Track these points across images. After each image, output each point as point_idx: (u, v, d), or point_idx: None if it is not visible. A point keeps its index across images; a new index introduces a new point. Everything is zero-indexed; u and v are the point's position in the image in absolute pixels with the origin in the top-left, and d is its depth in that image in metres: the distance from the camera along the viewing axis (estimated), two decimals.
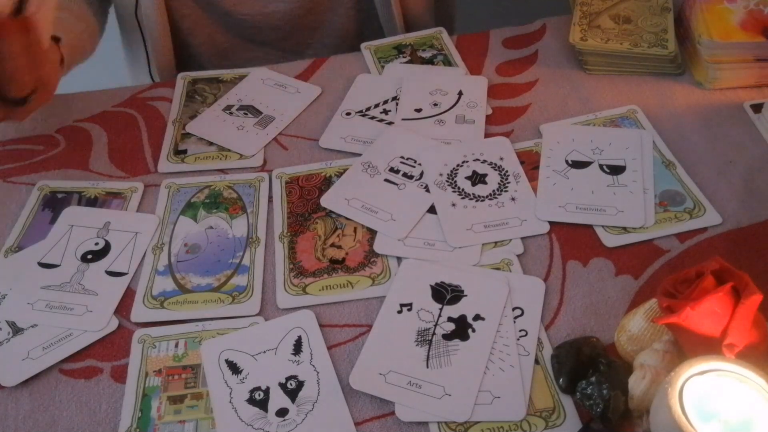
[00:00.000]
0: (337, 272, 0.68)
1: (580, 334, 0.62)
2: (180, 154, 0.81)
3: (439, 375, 0.59)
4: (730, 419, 0.48)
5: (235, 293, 0.67)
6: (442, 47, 0.94)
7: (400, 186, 0.75)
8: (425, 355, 0.61)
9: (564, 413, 0.57)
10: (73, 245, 0.71)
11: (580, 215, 0.71)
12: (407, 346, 0.61)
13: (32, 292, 0.67)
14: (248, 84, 0.89)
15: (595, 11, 0.93)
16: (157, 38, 0.98)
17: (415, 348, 0.61)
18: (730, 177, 0.75)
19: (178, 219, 0.74)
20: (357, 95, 0.87)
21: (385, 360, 0.60)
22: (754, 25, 0.84)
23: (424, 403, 0.58)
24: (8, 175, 0.79)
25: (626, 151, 0.77)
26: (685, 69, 0.88)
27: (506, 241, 0.70)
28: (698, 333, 0.53)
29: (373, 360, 0.61)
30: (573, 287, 0.66)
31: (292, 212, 0.74)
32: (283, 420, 0.57)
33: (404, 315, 0.63)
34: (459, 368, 0.60)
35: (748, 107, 0.82)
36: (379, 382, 0.59)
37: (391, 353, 0.61)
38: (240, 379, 0.60)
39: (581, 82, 0.87)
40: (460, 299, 0.64)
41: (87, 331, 0.64)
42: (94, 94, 0.89)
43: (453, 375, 0.59)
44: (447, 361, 0.60)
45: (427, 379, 0.59)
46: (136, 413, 0.59)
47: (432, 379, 0.59)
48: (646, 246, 0.69)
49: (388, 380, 0.59)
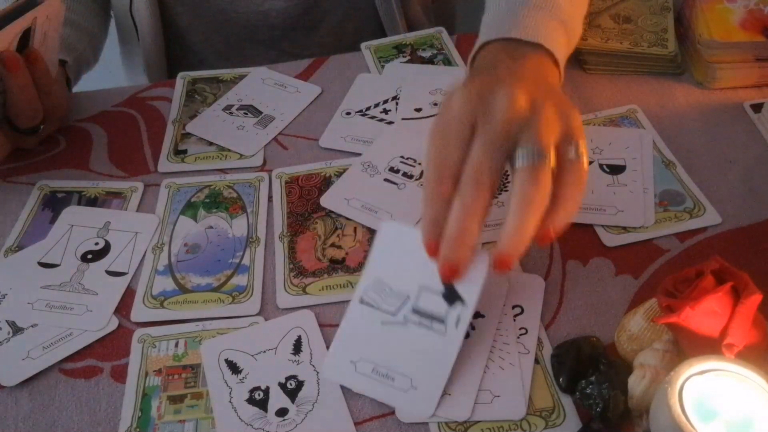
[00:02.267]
0: (337, 272, 0.68)
1: (580, 334, 0.62)
2: (180, 153, 0.81)
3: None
4: (730, 419, 0.48)
5: (235, 293, 0.67)
6: (442, 47, 0.94)
7: (400, 186, 0.75)
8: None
9: (564, 413, 0.57)
10: (73, 245, 0.71)
11: (580, 215, 0.71)
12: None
13: (32, 291, 0.67)
14: (248, 84, 0.89)
15: (595, 11, 0.93)
16: (147, 36, 0.98)
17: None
18: (730, 177, 0.75)
19: (178, 219, 0.74)
20: (357, 95, 0.87)
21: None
22: (754, 24, 0.84)
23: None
24: (8, 175, 0.79)
25: (626, 150, 0.77)
26: (685, 69, 0.88)
27: None
28: (698, 333, 0.53)
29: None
30: (573, 287, 0.66)
31: (292, 212, 0.74)
32: (282, 420, 0.57)
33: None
34: (458, 367, 0.60)
35: (748, 107, 0.82)
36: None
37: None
38: (240, 378, 0.60)
39: (581, 81, 0.87)
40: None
41: (87, 331, 0.64)
42: (94, 94, 0.89)
43: (452, 374, 0.59)
44: None
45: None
46: (136, 413, 0.59)
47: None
48: (646, 246, 0.69)
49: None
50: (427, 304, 0.60)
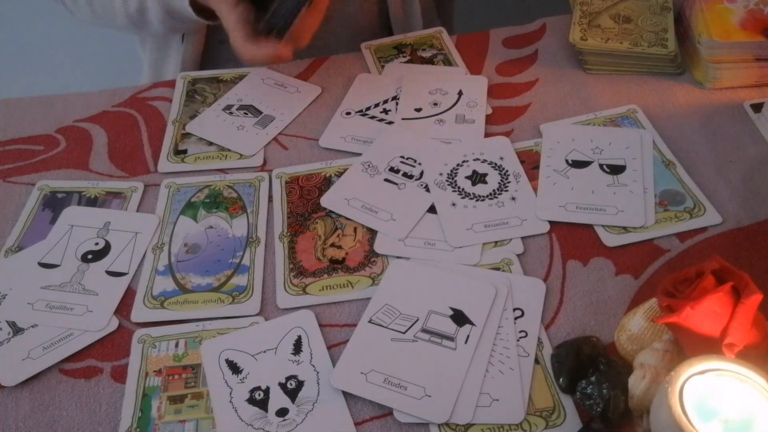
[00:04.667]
0: (337, 272, 0.68)
1: (580, 334, 0.62)
2: (180, 153, 0.81)
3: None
4: (730, 418, 0.48)
5: (235, 293, 0.67)
6: (442, 47, 0.94)
7: (400, 186, 0.75)
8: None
9: (564, 413, 0.57)
10: (73, 245, 0.71)
11: (580, 215, 0.71)
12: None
13: (32, 292, 0.67)
14: (248, 83, 0.89)
15: (595, 10, 0.93)
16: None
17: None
18: (730, 177, 0.75)
19: (178, 219, 0.74)
20: (357, 95, 0.87)
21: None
22: (754, 24, 0.84)
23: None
24: (8, 175, 0.79)
25: (626, 150, 0.77)
26: (685, 69, 0.88)
27: (506, 240, 0.70)
28: (698, 332, 0.53)
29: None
30: (573, 287, 0.66)
31: (292, 212, 0.74)
32: (283, 420, 0.57)
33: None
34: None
35: (748, 107, 0.82)
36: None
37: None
38: (240, 378, 0.60)
39: (581, 81, 0.87)
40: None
41: (87, 331, 0.64)
42: (94, 94, 0.89)
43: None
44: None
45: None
46: (137, 413, 0.59)
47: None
48: (646, 246, 0.69)
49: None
50: (436, 325, 0.62)
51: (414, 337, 0.61)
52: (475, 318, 0.62)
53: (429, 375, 0.59)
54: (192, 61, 0.98)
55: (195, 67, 0.99)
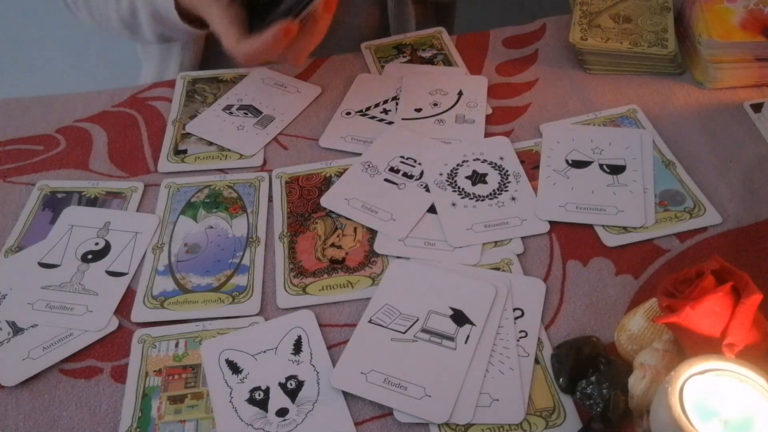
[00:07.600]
0: (337, 272, 0.68)
1: (580, 334, 0.62)
2: (180, 153, 0.81)
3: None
4: (730, 418, 0.48)
5: (235, 293, 0.67)
6: (442, 47, 0.94)
7: (400, 186, 0.75)
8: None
9: (564, 413, 0.57)
10: (73, 245, 0.71)
11: (580, 215, 0.71)
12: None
13: (32, 292, 0.67)
14: (248, 83, 0.89)
15: (595, 11, 0.93)
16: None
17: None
18: (730, 177, 0.75)
19: (178, 219, 0.74)
20: (357, 95, 0.87)
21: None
22: (754, 24, 0.84)
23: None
24: (8, 175, 0.79)
25: (626, 150, 0.77)
26: (685, 69, 0.88)
27: (506, 240, 0.70)
28: (698, 332, 0.53)
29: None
30: (573, 287, 0.66)
31: (292, 212, 0.74)
32: (283, 420, 0.57)
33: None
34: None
35: (748, 107, 0.82)
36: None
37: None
38: (240, 378, 0.60)
39: (581, 81, 0.87)
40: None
41: (87, 331, 0.64)
42: (94, 94, 0.89)
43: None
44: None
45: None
46: (137, 413, 0.59)
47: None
48: (646, 245, 0.69)
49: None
50: (436, 325, 0.62)
51: (414, 337, 0.62)
52: (475, 318, 0.62)
53: (429, 375, 0.59)
54: (191, 63, 0.98)
55: (195, 67, 0.99)
